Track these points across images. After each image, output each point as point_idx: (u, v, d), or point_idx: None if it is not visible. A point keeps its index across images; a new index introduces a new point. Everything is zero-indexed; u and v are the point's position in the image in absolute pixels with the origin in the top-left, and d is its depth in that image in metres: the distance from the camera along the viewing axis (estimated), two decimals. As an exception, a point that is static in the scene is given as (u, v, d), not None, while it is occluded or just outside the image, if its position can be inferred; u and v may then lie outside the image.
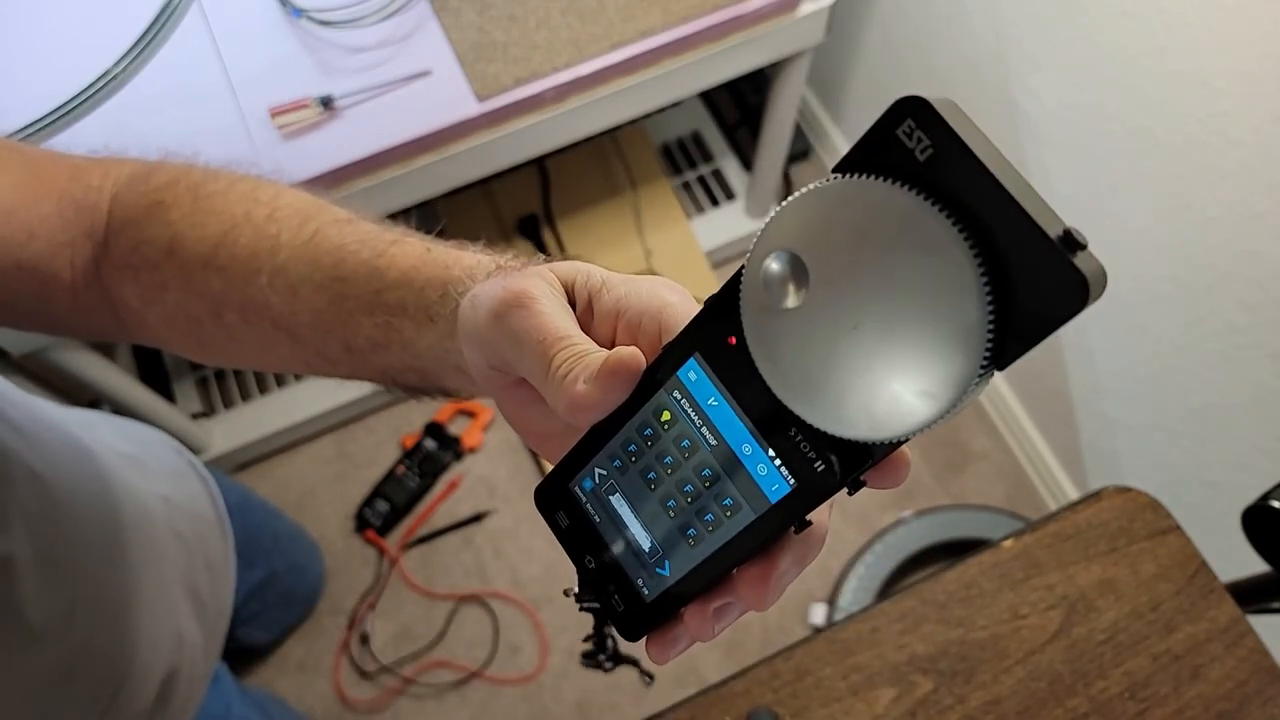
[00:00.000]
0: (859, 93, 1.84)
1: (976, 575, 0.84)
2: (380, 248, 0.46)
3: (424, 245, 0.46)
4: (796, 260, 0.28)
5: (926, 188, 0.25)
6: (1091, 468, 1.64)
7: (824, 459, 0.30)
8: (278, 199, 0.51)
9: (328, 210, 0.51)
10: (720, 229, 1.88)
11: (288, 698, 1.63)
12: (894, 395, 0.27)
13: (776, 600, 0.34)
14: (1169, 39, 1.10)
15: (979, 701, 0.79)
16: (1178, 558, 0.85)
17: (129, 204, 0.54)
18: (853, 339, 0.27)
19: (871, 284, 0.26)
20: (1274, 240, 1.09)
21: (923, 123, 0.25)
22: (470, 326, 0.39)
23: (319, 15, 1.22)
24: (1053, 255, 0.24)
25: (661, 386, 0.33)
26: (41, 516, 0.60)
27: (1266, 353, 1.16)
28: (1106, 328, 1.42)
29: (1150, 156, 1.19)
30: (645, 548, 0.35)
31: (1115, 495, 0.87)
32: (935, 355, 0.26)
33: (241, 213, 0.51)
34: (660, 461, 0.34)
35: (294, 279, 0.48)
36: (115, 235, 0.54)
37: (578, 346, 0.35)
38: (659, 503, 0.35)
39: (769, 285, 0.28)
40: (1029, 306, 0.24)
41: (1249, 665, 0.81)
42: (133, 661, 0.69)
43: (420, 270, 0.44)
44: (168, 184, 0.53)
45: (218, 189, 0.52)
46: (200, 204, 0.52)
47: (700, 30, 1.25)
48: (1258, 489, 0.82)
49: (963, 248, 0.25)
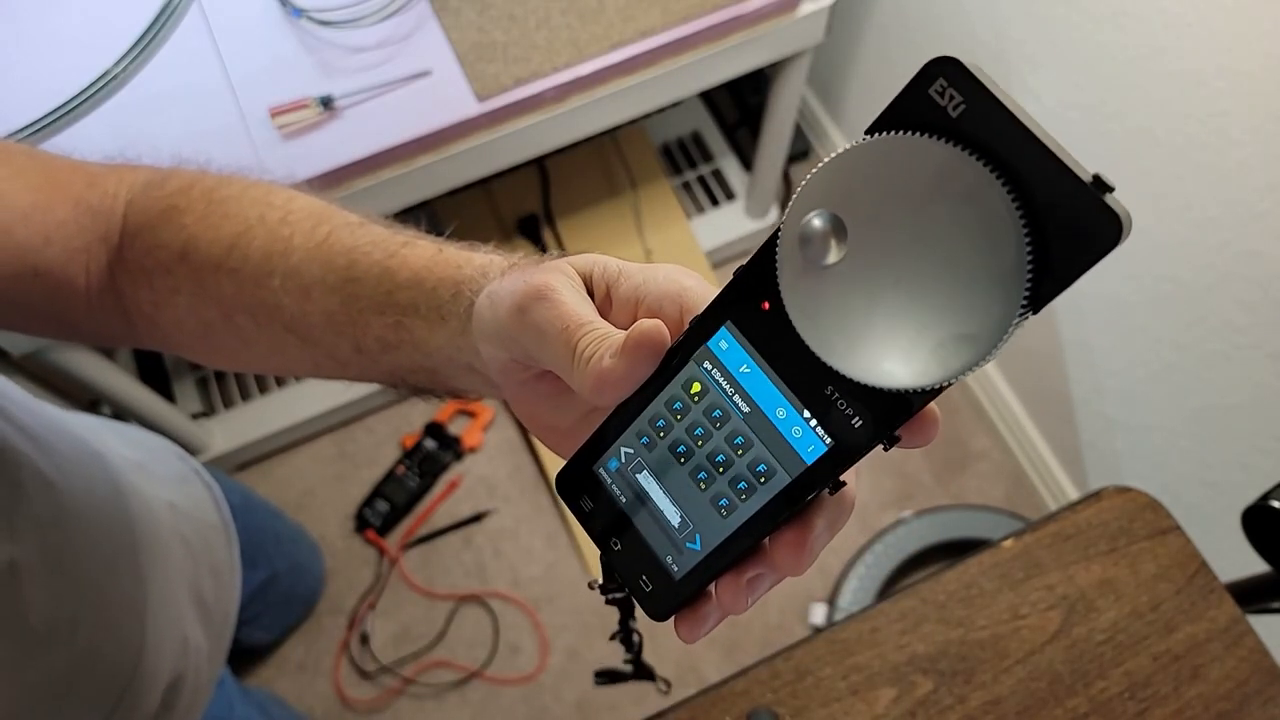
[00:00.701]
0: (859, 92, 1.84)
1: (976, 575, 0.84)
2: (392, 249, 0.47)
3: (435, 246, 0.46)
4: (835, 218, 0.28)
5: (963, 140, 0.26)
6: (1091, 468, 1.64)
7: (862, 415, 0.31)
8: (291, 203, 0.52)
9: (340, 214, 0.51)
10: (720, 229, 1.88)
11: (288, 698, 1.63)
12: (937, 342, 0.28)
13: (811, 565, 0.34)
14: (1169, 39, 1.10)
15: (979, 701, 0.79)
16: (1178, 558, 0.85)
17: (143, 209, 0.54)
18: (894, 290, 0.28)
19: (912, 236, 0.27)
20: (1274, 240, 1.09)
21: (954, 81, 0.26)
22: (490, 322, 0.39)
23: (319, 15, 1.22)
24: (1087, 197, 0.25)
25: (691, 358, 0.34)
26: (51, 523, 0.60)
27: (1266, 353, 1.16)
28: (1106, 328, 1.42)
29: (1150, 156, 1.20)
30: (675, 523, 0.36)
31: (1115, 495, 0.88)
32: (977, 300, 0.26)
33: (255, 216, 0.51)
34: (691, 434, 0.34)
35: (306, 280, 0.49)
36: (129, 240, 0.54)
37: (600, 330, 0.35)
38: (689, 476, 0.35)
39: (808, 243, 0.29)
40: (1065, 247, 0.26)
41: (1249, 665, 0.81)
42: (138, 668, 0.69)
43: (432, 270, 0.45)
44: (181, 189, 0.54)
45: (231, 193, 0.53)
46: (214, 208, 0.52)
47: (700, 30, 1.25)
48: (1258, 489, 0.83)
49: (1001, 194, 0.26)
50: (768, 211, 1.88)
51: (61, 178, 0.54)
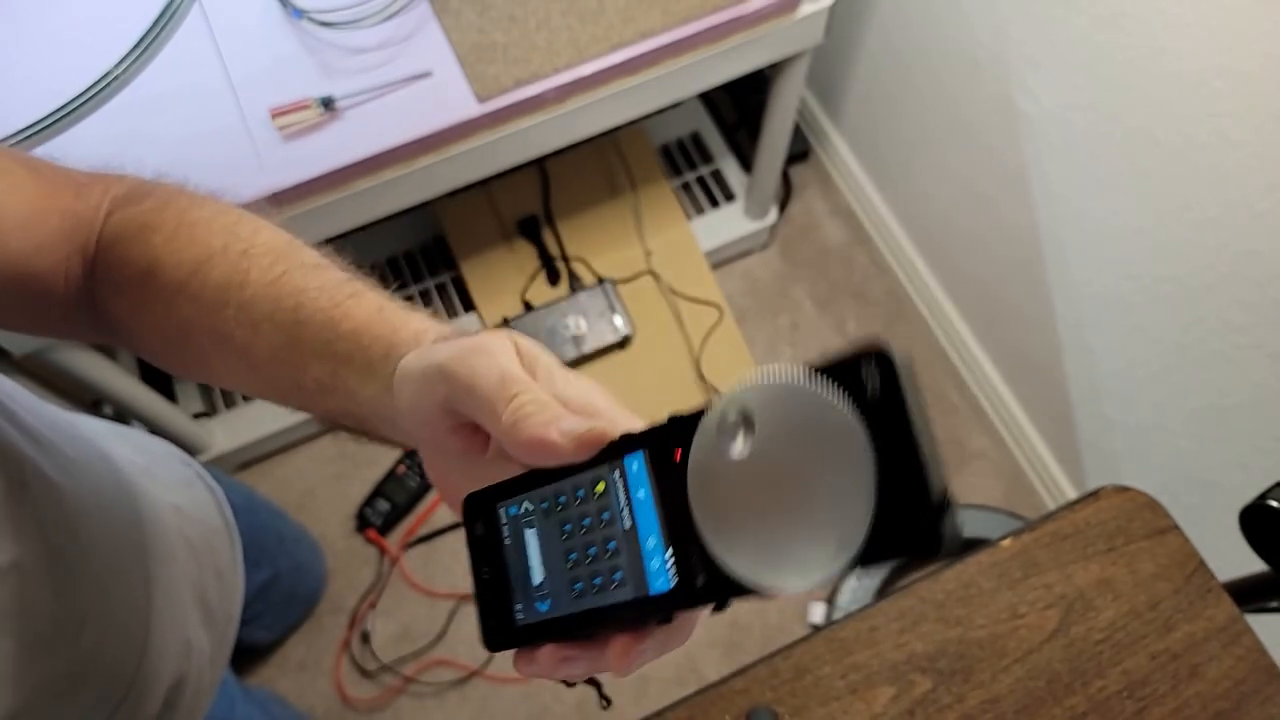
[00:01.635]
0: (858, 94, 1.84)
1: (975, 574, 0.84)
2: (339, 299, 0.49)
3: (379, 303, 0.49)
4: (750, 425, 0.33)
5: (865, 417, 0.30)
6: (1090, 467, 1.64)
7: (706, 576, 0.34)
8: (255, 235, 0.54)
9: (299, 253, 0.53)
10: (719, 230, 1.89)
11: (289, 697, 1.64)
12: (775, 561, 0.32)
13: (633, 672, 0.38)
14: (1168, 40, 1.10)
15: (977, 700, 0.80)
16: (1176, 557, 0.85)
17: (119, 223, 0.56)
18: (764, 505, 0.32)
19: (794, 470, 0.32)
20: (1273, 240, 1.09)
21: (883, 371, 0.31)
22: (418, 368, 0.42)
23: (320, 16, 1.22)
24: (927, 510, 0.29)
25: (608, 463, 0.38)
26: (55, 524, 0.61)
27: (1265, 353, 1.17)
28: (1105, 327, 1.42)
29: (1149, 157, 1.20)
30: (536, 582, 0.40)
31: (1114, 495, 0.88)
32: (818, 548, 0.31)
33: (219, 245, 0.53)
34: (578, 521, 0.38)
35: (257, 315, 0.51)
36: (103, 252, 0.56)
37: (536, 393, 0.38)
38: (563, 552, 0.39)
39: (721, 433, 0.33)
40: (896, 539, 0.30)
41: (1247, 664, 0.81)
42: (140, 669, 0.69)
43: (370, 328, 0.48)
44: (156, 208, 0.56)
45: (201, 217, 0.55)
46: (182, 231, 0.54)
47: (700, 31, 1.25)
48: (1256, 488, 0.83)
49: (870, 477, 0.30)
50: (767, 212, 1.89)
51: (54, 186, 0.56)
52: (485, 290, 1.78)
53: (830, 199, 2.04)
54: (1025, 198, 1.47)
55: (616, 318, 1.73)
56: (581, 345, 1.71)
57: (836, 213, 2.03)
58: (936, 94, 1.58)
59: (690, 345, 1.78)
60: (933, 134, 1.64)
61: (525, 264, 1.80)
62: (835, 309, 1.94)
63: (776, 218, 1.94)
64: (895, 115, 1.74)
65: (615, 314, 1.73)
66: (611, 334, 1.72)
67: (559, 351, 1.70)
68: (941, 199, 1.70)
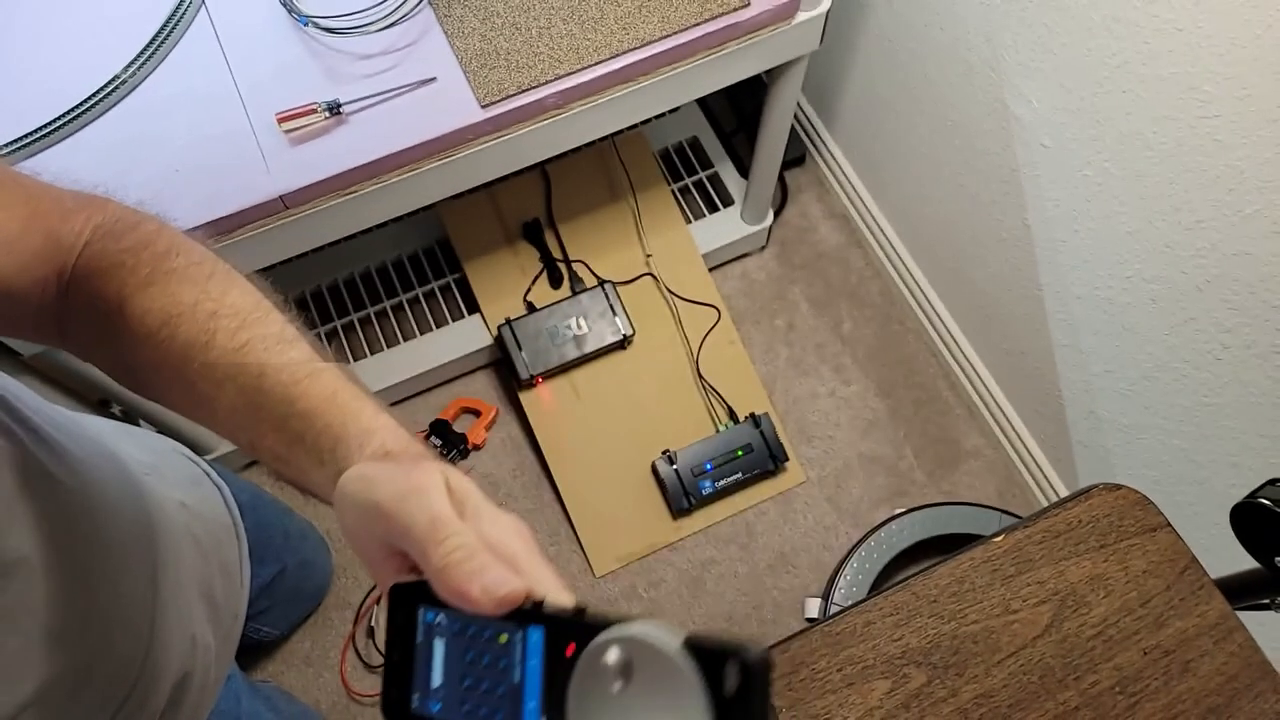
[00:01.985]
0: (853, 99, 1.85)
1: (969, 570, 0.85)
2: (299, 376, 0.52)
3: (334, 386, 0.52)
4: (629, 669, 0.37)
5: (718, 708, 0.35)
6: (1082, 465, 1.65)
7: None
8: (225, 295, 0.56)
9: (265, 320, 0.56)
10: (717, 233, 1.90)
11: (295, 691, 1.65)
12: None
13: None
14: (1159, 44, 1.11)
15: (971, 694, 0.80)
16: (1168, 554, 0.86)
17: (97, 255, 0.58)
18: None
19: None
20: (1263, 242, 1.10)
21: (745, 674, 0.35)
22: (360, 500, 0.45)
23: (325, 22, 1.23)
24: None
25: (515, 621, 0.41)
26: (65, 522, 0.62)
27: (1255, 352, 1.18)
28: (1098, 328, 1.43)
29: (1141, 160, 1.21)
30: (434, 685, 0.44)
31: (1106, 492, 0.88)
32: None
33: (189, 300, 0.55)
34: (480, 655, 0.42)
35: (220, 376, 0.54)
36: (78, 281, 0.58)
37: (466, 538, 0.41)
38: (460, 673, 0.43)
39: (602, 669, 0.38)
40: None
41: (1239, 660, 0.82)
42: (146, 665, 0.70)
43: (322, 414, 0.51)
44: (133, 248, 0.58)
45: (175, 267, 0.57)
46: (156, 278, 0.56)
47: (698, 38, 1.26)
48: (1246, 486, 0.82)
49: None
50: (763, 216, 1.90)
51: (42, 207, 0.58)
52: (488, 291, 1.80)
53: (826, 202, 2.06)
54: (1018, 200, 1.48)
55: (617, 318, 1.74)
56: (583, 345, 1.73)
57: (832, 216, 2.04)
58: (930, 99, 1.59)
59: (689, 345, 1.80)
60: (926, 138, 1.65)
61: (527, 266, 1.81)
62: (831, 310, 1.95)
63: (773, 221, 1.95)
64: (889, 120, 1.75)
65: (616, 315, 1.74)
66: (612, 334, 1.74)
67: (561, 351, 1.72)
68: (935, 202, 1.71)
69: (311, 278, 1.86)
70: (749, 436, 1.74)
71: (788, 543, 1.77)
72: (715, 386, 1.78)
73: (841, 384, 1.89)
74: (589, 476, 1.75)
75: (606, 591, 1.72)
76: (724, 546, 1.76)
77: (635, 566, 1.74)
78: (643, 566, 1.74)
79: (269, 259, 1.26)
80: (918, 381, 1.89)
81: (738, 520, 1.78)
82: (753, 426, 1.74)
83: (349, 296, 1.86)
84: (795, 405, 1.87)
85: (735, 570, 1.75)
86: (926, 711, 0.80)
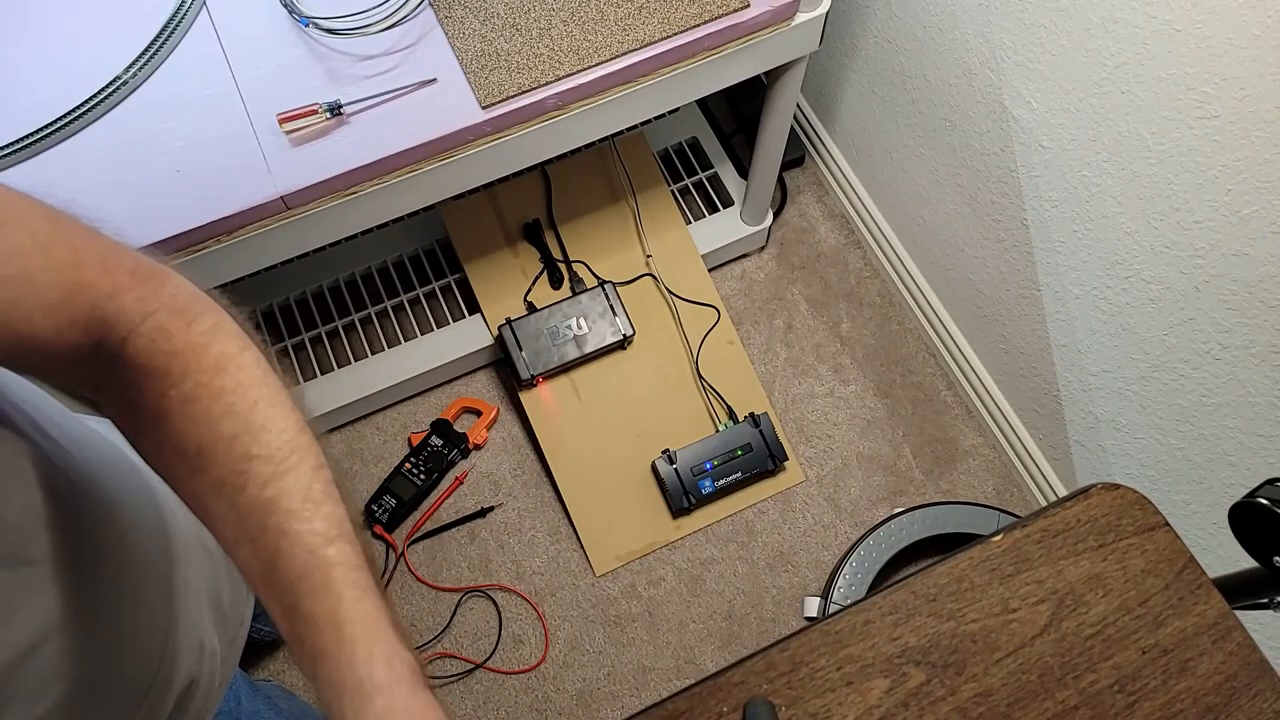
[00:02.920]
0: (852, 100, 1.85)
1: (967, 569, 0.85)
2: (315, 564, 0.51)
3: (337, 594, 0.50)
4: None
5: None
6: (1080, 465, 1.66)
7: None
8: (264, 433, 0.54)
9: (298, 469, 0.54)
10: (717, 233, 1.90)
11: (296, 689, 1.65)
12: None
13: None
14: (1158, 45, 1.11)
15: (970, 693, 0.80)
16: (1166, 553, 0.85)
17: (143, 352, 0.55)
18: None
19: None
20: (1261, 242, 1.11)
21: None
22: None
23: (326, 23, 1.24)
24: None
25: None
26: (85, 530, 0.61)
27: (1252, 352, 1.18)
28: (1095, 328, 1.44)
29: (1139, 160, 1.21)
30: None
31: (1104, 492, 0.88)
32: None
33: (227, 434, 0.53)
34: None
35: (239, 534, 0.53)
36: (119, 370, 0.56)
37: None
38: None
39: None
40: None
41: (1237, 660, 0.82)
42: (160, 672, 0.70)
43: (322, 631, 0.50)
44: (181, 352, 0.55)
45: (222, 388, 0.54)
46: (199, 396, 0.54)
47: (698, 39, 1.27)
48: (1244, 486, 0.83)
49: None
50: (763, 217, 1.90)
51: (89, 278, 0.54)
52: (489, 292, 1.80)
53: (825, 203, 2.06)
54: (1016, 201, 1.48)
55: (617, 318, 1.74)
56: (583, 345, 1.73)
57: (831, 217, 2.05)
58: (929, 100, 1.59)
59: (689, 345, 1.80)
60: (925, 139, 1.66)
61: (528, 266, 1.82)
62: (829, 311, 1.96)
63: (772, 222, 1.96)
64: (888, 121, 1.75)
65: (616, 315, 1.75)
66: (612, 334, 1.74)
67: (562, 351, 1.72)
68: (934, 203, 1.72)
69: (313, 278, 1.87)
70: (748, 436, 1.74)
71: (787, 542, 1.77)
72: (715, 386, 1.79)
73: (840, 384, 1.89)
74: (589, 476, 1.75)
75: (606, 590, 1.73)
76: (723, 545, 1.76)
77: (635, 565, 1.74)
78: (642, 565, 1.75)
79: (270, 259, 1.27)
80: (916, 381, 1.90)
81: (737, 519, 1.78)
82: (752, 426, 1.74)
83: (350, 296, 1.86)
84: (794, 405, 1.87)
85: (735, 569, 1.75)
86: (925, 710, 0.80)
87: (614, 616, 1.72)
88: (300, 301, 1.86)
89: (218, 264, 1.22)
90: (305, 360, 1.81)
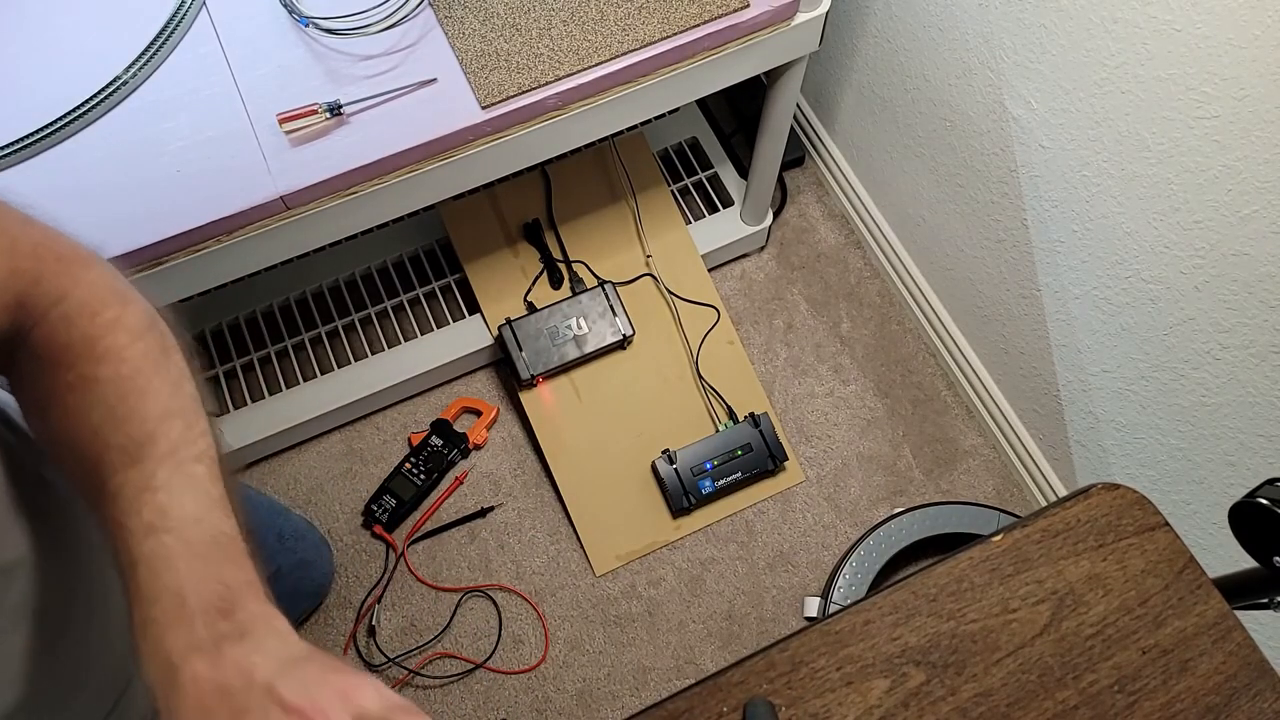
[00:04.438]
0: (851, 100, 1.85)
1: (967, 569, 0.85)
2: (126, 562, 0.51)
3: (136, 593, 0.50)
4: None
5: None
6: (1080, 465, 1.66)
7: None
8: (127, 422, 0.54)
9: (152, 457, 0.53)
10: (717, 233, 1.90)
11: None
12: None
13: None
14: (1157, 45, 1.11)
15: (970, 693, 0.80)
16: (1166, 553, 0.85)
17: (44, 341, 0.56)
18: None
19: None
20: (1260, 242, 1.11)
21: None
22: None
23: (325, 23, 1.24)
24: None
25: None
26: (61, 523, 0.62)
27: (1252, 352, 1.18)
28: (1095, 327, 1.44)
29: (1139, 160, 1.21)
30: None
31: (1104, 491, 0.88)
32: None
33: (93, 425, 0.54)
34: None
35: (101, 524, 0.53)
36: (25, 355, 0.56)
37: None
38: None
39: None
40: None
41: (1237, 660, 0.81)
42: (134, 672, 0.70)
43: None
44: (74, 343, 0.55)
45: (97, 378, 0.55)
46: (78, 387, 0.54)
47: (698, 39, 1.27)
48: (1244, 486, 0.83)
49: None
50: (763, 217, 1.90)
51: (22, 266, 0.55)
52: (489, 292, 1.80)
53: (825, 203, 2.06)
54: (1016, 201, 1.48)
55: (617, 318, 1.74)
56: (583, 345, 1.73)
57: (831, 217, 2.05)
58: (929, 100, 1.59)
59: (689, 345, 1.80)
60: (925, 139, 1.66)
61: (528, 266, 1.82)
62: (829, 311, 1.96)
63: (772, 222, 1.96)
64: (888, 121, 1.75)
65: (616, 315, 1.75)
66: (612, 334, 1.74)
67: (562, 351, 1.72)
68: (934, 203, 1.72)
69: (312, 278, 1.87)
70: (748, 436, 1.74)
71: (787, 542, 1.77)
72: (715, 386, 1.79)
73: (840, 384, 1.89)
74: (589, 476, 1.75)
75: (606, 590, 1.73)
76: (723, 545, 1.76)
77: (635, 565, 1.74)
78: (642, 565, 1.75)
79: (270, 259, 1.27)
80: (916, 381, 1.90)
81: (737, 519, 1.78)
82: (752, 426, 1.74)
83: (350, 296, 1.86)
84: (794, 405, 1.88)
85: (735, 569, 1.75)
86: (925, 710, 0.80)
87: (614, 616, 1.72)
88: (300, 302, 1.86)
89: (218, 264, 1.22)
90: (305, 361, 1.81)
